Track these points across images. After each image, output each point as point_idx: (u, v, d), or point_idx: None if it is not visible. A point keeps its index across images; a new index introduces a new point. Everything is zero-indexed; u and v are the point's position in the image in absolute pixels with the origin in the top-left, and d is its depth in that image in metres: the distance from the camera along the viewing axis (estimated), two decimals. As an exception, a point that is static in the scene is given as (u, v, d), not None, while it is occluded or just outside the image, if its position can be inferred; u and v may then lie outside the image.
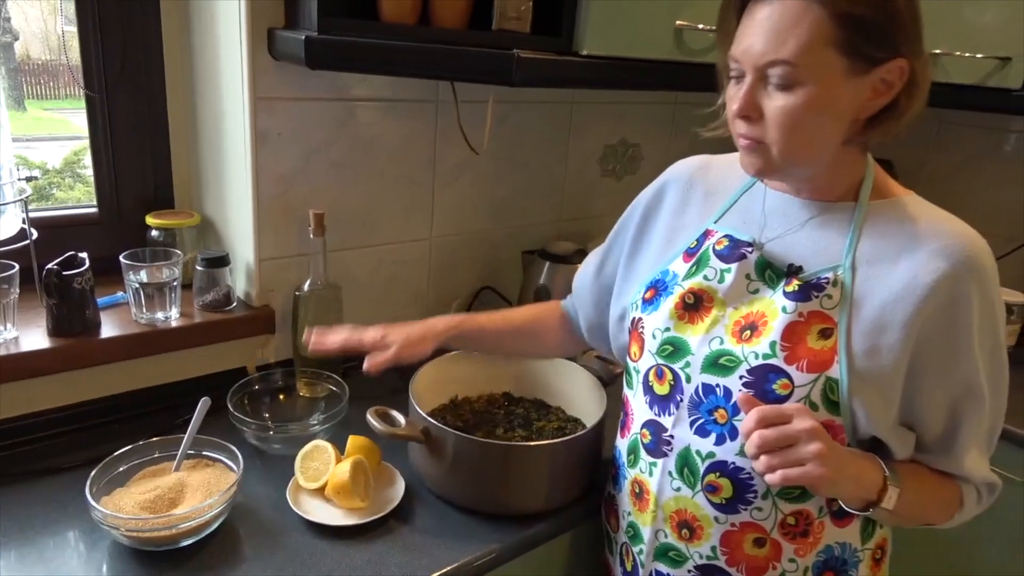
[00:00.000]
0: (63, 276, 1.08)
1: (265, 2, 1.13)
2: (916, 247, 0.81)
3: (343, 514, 1.00)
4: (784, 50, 0.74)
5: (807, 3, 0.73)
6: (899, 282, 0.80)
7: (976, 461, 0.87)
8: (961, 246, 0.80)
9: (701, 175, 0.99)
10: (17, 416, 1.12)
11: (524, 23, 1.11)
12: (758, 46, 0.76)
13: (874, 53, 0.75)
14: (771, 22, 0.75)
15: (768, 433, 0.76)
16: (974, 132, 1.94)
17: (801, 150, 0.79)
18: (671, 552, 0.93)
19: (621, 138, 1.76)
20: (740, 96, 0.79)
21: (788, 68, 0.75)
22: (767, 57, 0.75)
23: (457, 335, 1.09)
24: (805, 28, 0.73)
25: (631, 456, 0.98)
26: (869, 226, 0.84)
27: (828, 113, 0.77)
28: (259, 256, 1.28)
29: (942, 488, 0.89)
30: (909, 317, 0.79)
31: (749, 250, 0.88)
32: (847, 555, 0.90)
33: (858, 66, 0.75)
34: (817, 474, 0.76)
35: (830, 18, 0.73)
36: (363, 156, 1.35)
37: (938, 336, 0.81)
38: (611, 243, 1.08)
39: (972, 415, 0.84)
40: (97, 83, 1.25)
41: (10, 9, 1.26)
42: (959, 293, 0.79)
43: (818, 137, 0.79)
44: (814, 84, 0.75)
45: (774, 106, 0.77)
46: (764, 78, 0.77)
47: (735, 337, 0.86)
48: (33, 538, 0.93)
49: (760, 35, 0.76)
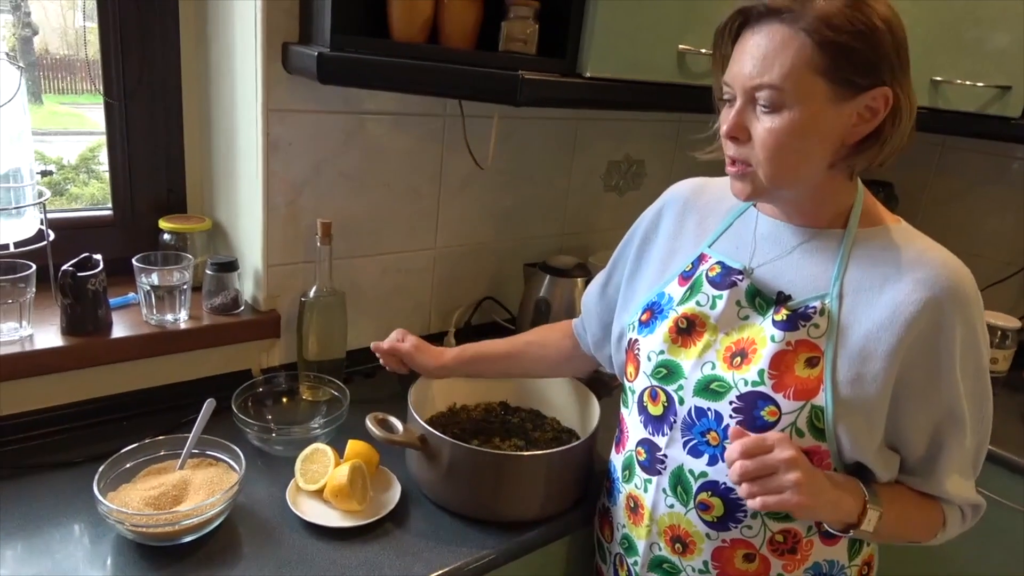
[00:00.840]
0: (78, 277, 1.12)
1: (280, 18, 1.17)
2: (900, 276, 0.83)
3: (340, 516, 1.03)
4: (770, 74, 0.77)
5: (794, 31, 0.76)
6: (883, 311, 0.82)
7: (958, 484, 0.89)
8: (944, 276, 0.82)
9: (696, 198, 1.02)
10: (29, 411, 1.16)
11: (530, 45, 1.15)
12: (747, 70, 0.79)
13: (858, 80, 0.77)
14: (759, 48, 0.78)
15: (748, 464, 0.79)
16: (977, 157, 1.95)
17: (787, 172, 0.82)
18: (665, 564, 0.96)
19: (625, 154, 1.79)
20: (730, 118, 0.82)
21: (774, 92, 0.78)
22: (755, 80, 0.78)
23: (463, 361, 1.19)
24: (791, 54, 0.76)
25: (626, 472, 1.00)
26: (856, 254, 0.86)
27: (812, 136, 0.80)
28: (267, 262, 1.31)
29: (924, 509, 0.91)
30: (893, 346, 0.81)
31: (740, 278, 0.91)
32: (835, 571, 0.93)
33: (842, 92, 0.78)
34: (795, 502, 0.78)
35: (815, 46, 0.76)
36: (371, 167, 1.39)
37: (921, 363, 0.82)
38: (614, 263, 1.11)
39: (954, 440, 0.86)
40: (116, 91, 1.29)
41: (31, 4, 1.29)
42: (942, 322, 0.81)
43: (804, 160, 0.81)
44: (799, 108, 0.78)
45: (761, 128, 0.80)
46: (752, 101, 0.80)
47: (726, 363, 0.89)
48: (41, 530, 0.97)
49: (749, 60, 0.79)
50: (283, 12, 1.17)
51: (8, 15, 1.30)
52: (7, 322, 1.12)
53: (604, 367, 1.17)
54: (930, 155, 2.03)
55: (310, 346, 1.31)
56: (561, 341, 1.21)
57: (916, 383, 0.83)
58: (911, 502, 0.90)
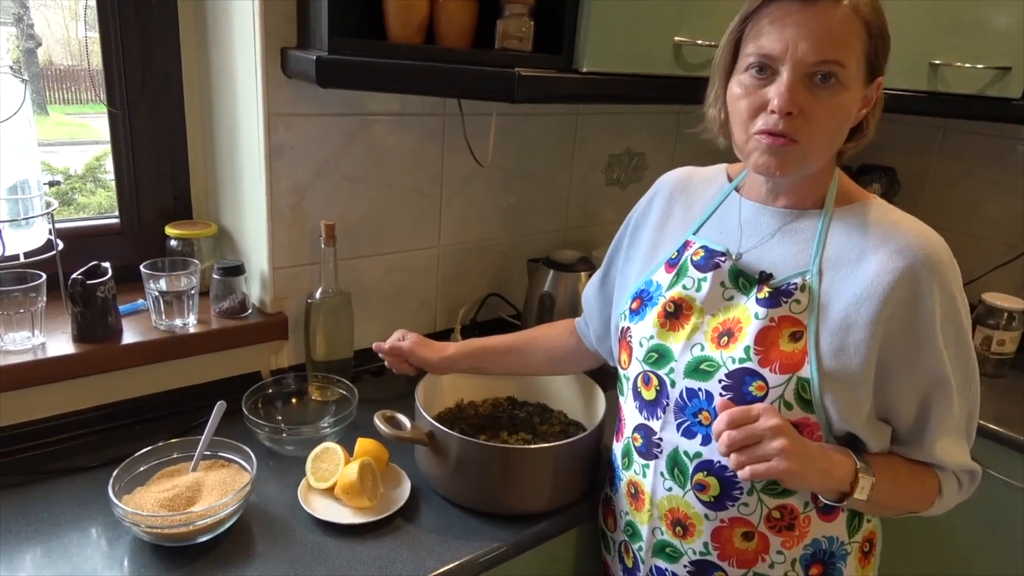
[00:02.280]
0: (87, 285, 1.14)
1: (279, 23, 1.18)
2: (877, 248, 0.85)
3: (351, 513, 1.05)
4: (837, 53, 0.79)
5: (851, 11, 0.79)
6: (862, 282, 0.84)
7: (948, 449, 0.90)
8: (919, 245, 0.83)
9: (682, 187, 1.03)
10: (44, 418, 1.18)
11: (526, 42, 1.16)
12: (807, 45, 0.78)
13: (877, 68, 0.82)
14: (821, 25, 0.78)
15: (735, 433, 0.81)
16: (979, 140, 1.95)
17: (828, 151, 0.85)
18: (668, 548, 0.97)
19: (626, 148, 1.80)
20: (783, 93, 0.80)
21: (840, 71, 0.79)
22: (820, 57, 0.78)
23: (467, 353, 1.19)
24: (853, 35, 0.79)
25: (625, 459, 1.01)
26: (834, 231, 0.88)
27: (851, 118, 0.84)
28: (273, 265, 1.33)
29: (918, 476, 0.92)
30: (873, 315, 0.83)
31: (723, 259, 0.92)
32: (835, 548, 0.94)
33: (867, 78, 0.82)
34: (783, 468, 0.79)
35: (864, 27, 0.79)
36: (373, 168, 1.40)
37: (902, 332, 0.84)
38: (611, 258, 1.12)
39: (941, 406, 0.87)
40: (119, 100, 1.31)
41: (33, 16, 1.31)
42: (919, 290, 0.83)
43: (839, 138, 0.85)
44: (852, 90, 0.81)
45: (821, 107, 0.80)
46: (808, 77, 0.80)
47: (714, 343, 0.90)
48: (59, 534, 0.98)
49: (808, 37, 0.78)
50: (281, 17, 1.18)
51: (11, 27, 1.31)
52: (19, 331, 1.14)
53: (609, 362, 1.18)
54: (931, 139, 2.02)
55: (318, 347, 1.33)
56: (564, 337, 1.22)
57: (899, 351, 0.85)
58: (904, 470, 0.91)
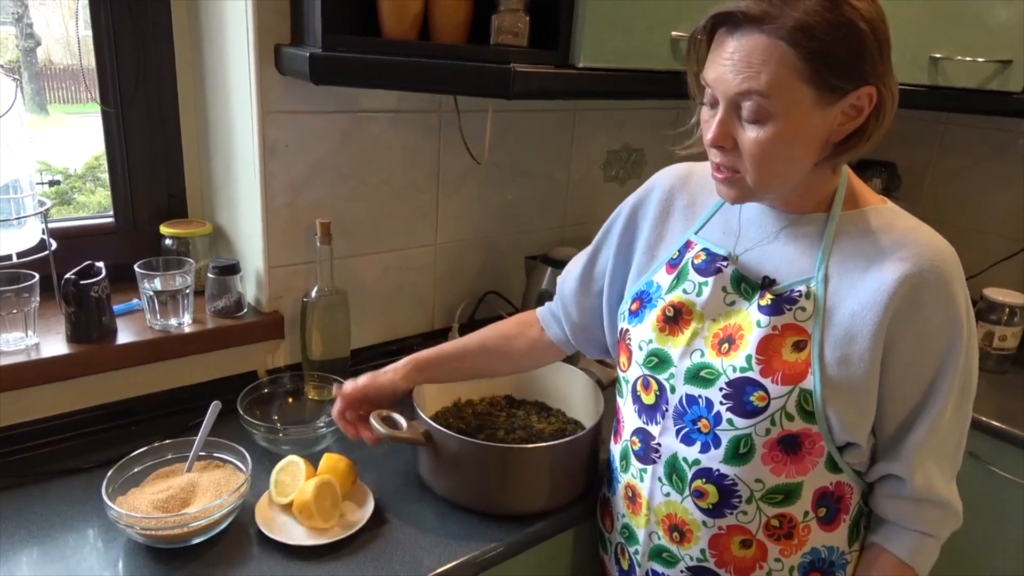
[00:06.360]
0: (81, 285, 1.13)
1: (272, 20, 1.17)
2: (884, 256, 0.83)
3: (304, 533, 0.99)
4: (755, 83, 0.75)
5: (774, 40, 0.74)
6: (867, 291, 0.82)
7: (931, 473, 0.87)
8: (926, 255, 0.81)
9: (683, 185, 1.01)
10: (38, 419, 1.17)
11: (521, 38, 1.15)
12: (729, 76, 0.77)
13: (842, 84, 0.76)
14: (740, 56, 0.76)
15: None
16: (980, 134, 1.94)
17: (775, 177, 0.82)
18: (664, 553, 0.96)
19: (624, 144, 1.79)
20: (713, 127, 0.80)
21: (760, 101, 0.76)
22: (740, 88, 0.76)
23: (415, 367, 1.11)
24: (774, 65, 0.74)
25: (623, 462, 1.00)
26: (840, 237, 0.86)
27: (799, 142, 0.79)
28: (268, 263, 1.32)
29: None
30: (877, 325, 0.81)
31: (724, 264, 0.91)
32: (834, 557, 0.93)
33: (828, 97, 0.76)
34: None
35: (797, 55, 0.74)
36: (368, 166, 1.39)
37: (903, 341, 0.82)
38: (597, 248, 1.09)
39: (931, 420, 0.85)
40: (113, 99, 1.30)
41: (32, 15, 1.30)
42: (924, 300, 0.81)
43: (791, 165, 0.81)
44: (785, 116, 0.76)
45: (748, 138, 0.79)
46: (736, 108, 0.79)
47: (715, 350, 0.89)
48: (53, 536, 0.98)
49: (731, 67, 0.77)
50: (274, 14, 1.17)
51: (11, 27, 1.30)
52: (13, 332, 1.13)
53: (586, 354, 1.15)
54: (932, 133, 2.01)
55: (314, 346, 1.32)
56: (522, 332, 1.16)
57: (899, 360, 0.83)
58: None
